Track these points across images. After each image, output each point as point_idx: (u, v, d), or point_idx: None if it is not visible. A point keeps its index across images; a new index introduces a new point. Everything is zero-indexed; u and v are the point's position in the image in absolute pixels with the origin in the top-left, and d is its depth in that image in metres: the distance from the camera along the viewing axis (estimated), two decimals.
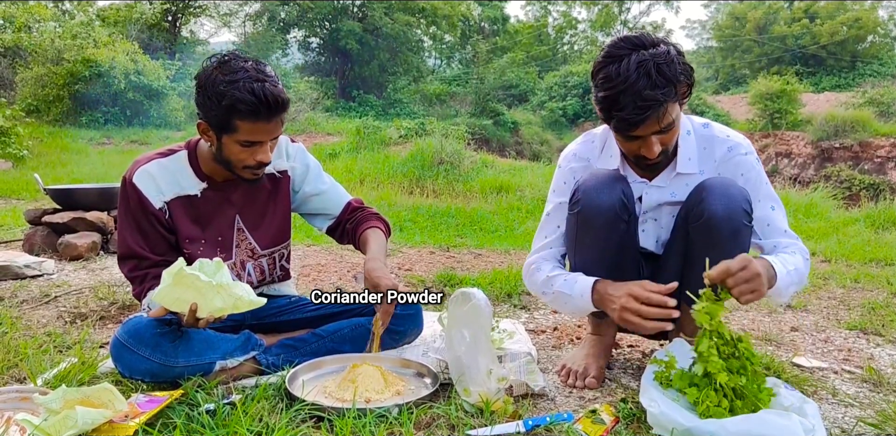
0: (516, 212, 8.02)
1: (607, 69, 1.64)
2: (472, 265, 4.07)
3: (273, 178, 2.06)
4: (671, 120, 1.66)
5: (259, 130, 1.76)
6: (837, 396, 1.92)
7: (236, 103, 1.69)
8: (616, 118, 1.65)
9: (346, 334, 2.06)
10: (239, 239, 2.03)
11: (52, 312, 2.76)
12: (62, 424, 1.41)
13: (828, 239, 5.51)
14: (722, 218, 1.69)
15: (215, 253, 1.98)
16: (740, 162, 1.86)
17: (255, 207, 2.04)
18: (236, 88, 1.68)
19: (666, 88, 1.60)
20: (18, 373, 1.97)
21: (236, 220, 2.01)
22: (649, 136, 1.68)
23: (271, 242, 2.09)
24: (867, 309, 3.01)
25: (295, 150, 2.12)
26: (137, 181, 1.87)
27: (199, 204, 1.95)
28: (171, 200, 1.91)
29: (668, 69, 1.60)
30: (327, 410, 1.61)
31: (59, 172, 9.91)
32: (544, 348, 2.38)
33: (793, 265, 1.75)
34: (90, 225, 4.00)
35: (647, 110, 1.60)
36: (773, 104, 22.19)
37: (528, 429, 1.55)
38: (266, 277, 2.13)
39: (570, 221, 1.88)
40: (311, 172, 2.13)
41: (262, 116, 1.72)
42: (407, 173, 10.87)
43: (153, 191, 1.88)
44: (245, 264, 2.06)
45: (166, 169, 1.91)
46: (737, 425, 1.46)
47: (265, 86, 1.70)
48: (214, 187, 1.96)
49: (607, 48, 1.67)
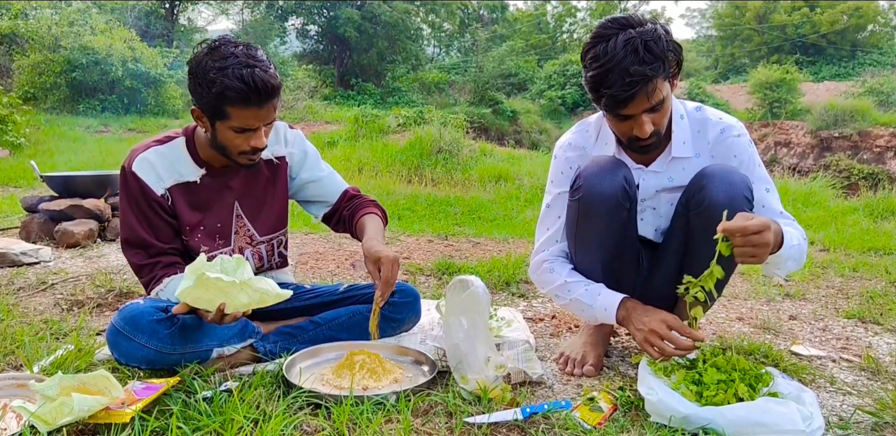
0: (515, 200, 8.00)
1: (595, 49, 1.64)
2: (471, 254, 4.06)
3: (271, 164, 2.05)
4: (661, 97, 1.66)
5: (251, 117, 1.74)
6: (835, 384, 1.92)
7: (226, 91, 1.68)
8: (605, 96, 1.65)
9: (344, 322, 2.06)
10: (238, 226, 2.02)
11: (48, 300, 2.75)
12: (58, 411, 1.40)
13: (826, 228, 5.50)
14: (723, 205, 1.68)
15: (214, 240, 1.97)
16: (733, 144, 1.85)
17: (254, 193, 2.03)
18: (226, 75, 1.67)
19: (654, 64, 1.60)
20: (15, 360, 1.96)
21: (235, 206, 2.00)
22: (640, 114, 1.67)
23: (270, 229, 2.09)
24: (865, 298, 3.01)
25: (293, 136, 2.11)
26: (137, 169, 1.85)
27: (199, 191, 1.93)
28: (172, 187, 1.89)
29: (655, 46, 1.60)
30: (325, 397, 1.60)
31: (57, 160, 9.86)
32: (542, 336, 2.38)
33: (797, 241, 1.73)
34: (87, 212, 3.98)
35: (636, 86, 1.60)
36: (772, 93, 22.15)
37: (525, 416, 1.55)
38: (264, 264, 2.13)
39: (571, 208, 1.87)
40: (308, 159, 2.12)
41: (253, 103, 1.71)
42: (405, 162, 10.82)
43: (153, 178, 1.86)
44: (244, 251, 2.05)
45: (164, 156, 1.89)
46: (735, 412, 1.46)
47: (255, 72, 1.68)
48: (213, 174, 1.95)
49: (596, 29, 1.68)
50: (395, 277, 1.80)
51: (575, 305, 1.91)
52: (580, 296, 1.87)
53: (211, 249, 1.97)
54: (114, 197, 4.18)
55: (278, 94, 1.76)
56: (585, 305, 1.87)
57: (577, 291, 1.88)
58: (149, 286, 1.89)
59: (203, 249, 1.94)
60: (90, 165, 9.00)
